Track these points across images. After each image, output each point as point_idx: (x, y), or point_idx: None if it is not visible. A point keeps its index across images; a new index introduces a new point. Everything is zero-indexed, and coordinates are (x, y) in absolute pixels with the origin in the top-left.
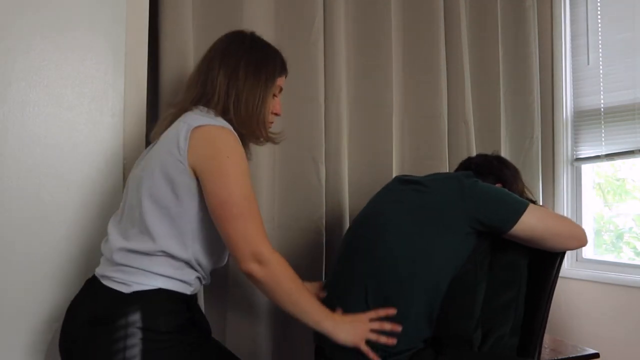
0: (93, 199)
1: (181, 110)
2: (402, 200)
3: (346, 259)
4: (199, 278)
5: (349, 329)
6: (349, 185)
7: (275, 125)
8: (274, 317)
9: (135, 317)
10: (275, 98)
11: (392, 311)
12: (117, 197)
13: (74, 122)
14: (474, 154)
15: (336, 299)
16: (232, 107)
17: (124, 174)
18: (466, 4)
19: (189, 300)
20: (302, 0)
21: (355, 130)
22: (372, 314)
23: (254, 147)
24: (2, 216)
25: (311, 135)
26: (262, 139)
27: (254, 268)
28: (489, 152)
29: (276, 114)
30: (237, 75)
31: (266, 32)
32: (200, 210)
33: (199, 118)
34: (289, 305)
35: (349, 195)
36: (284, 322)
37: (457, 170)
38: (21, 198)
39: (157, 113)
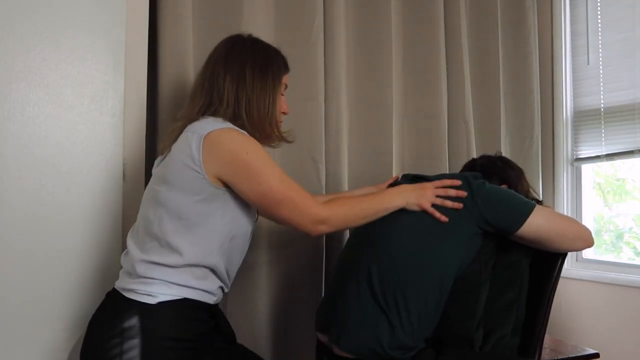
0: (93, 199)
1: (188, 121)
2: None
3: (353, 260)
4: (221, 287)
5: (417, 194)
6: (349, 185)
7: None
8: (273, 312)
9: (163, 328)
10: (282, 97)
11: (457, 182)
12: (117, 197)
13: (74, 122)
14: (474, 154)
15: (340, 297)
16: (244, 113)
17: (124, 174)
18: (466, 4)
19: (212, 309)
20: (302, 0)
21: (355, 130)
22: (438, 182)
23: None
24: (2, 216)
25: (311, 135)
26: (275, 140)
27: (323, 229)
28: (488, 152)
29: (284, 113)
30: (244, 80)
31: (266, 32)
32: (224, 215)
33: (205, 126)
34: (364, 220)
35: None
36: (284, 317)
37: (461, 171)
38: (21, 198)
39: (157, 113)
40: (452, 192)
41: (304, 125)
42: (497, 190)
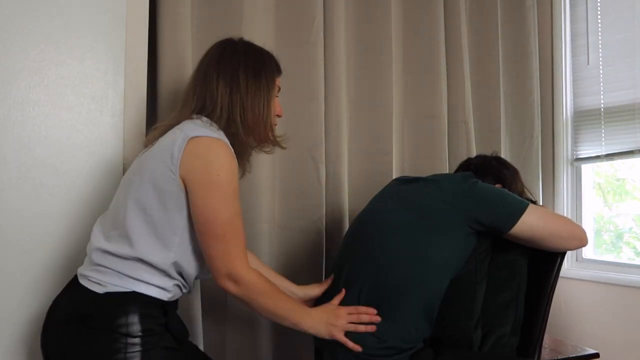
0: (93, 199)
1: (176, 122)
2: (402, 201)
3: (346, 259)
4: (177, 286)
5: (328, 326)
6: (349, 185)
7: (276, 126)
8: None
9: (106, 319)
10: (276, 99)
11: (372, 310)
12: None
13: (74, 122)
14: (473, 154)
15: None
16: (238, 117)
17: (123, 174)
18: (466, 4)
19: (165, 306)
20: (302, 0)
21: (355, 130)
22: (352, 309)
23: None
24: (2, 216)
25: (311, 135)
26: (270, 144)
27: (229, 286)
28: (488, 152)
29: (278, 116)
30: (237, 83)
31: (266, 32)
32: (186, 222)
33: (197, 128)
34: (266, 315)
35: (349, 195)
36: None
37: (456, 171)
38: (21, 198)
39: (157, 113)
40: (365, 318)
41: (304, 125)
42: (490, 189)
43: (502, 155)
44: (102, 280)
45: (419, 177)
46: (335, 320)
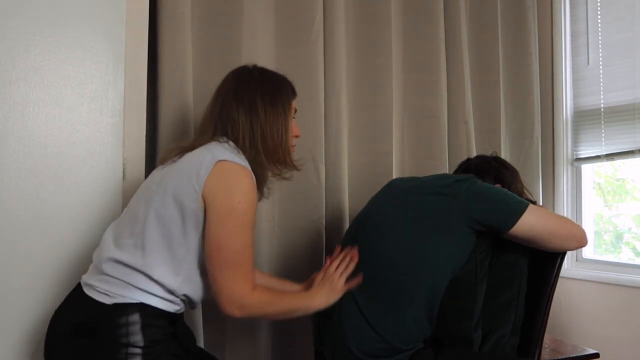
0: (93, 200)
1: (202, 143)
2: (402, 201)
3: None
4: (184, 301)
5: (328, 292)
6: (349, 185)
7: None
8: (273, 323)
9: (115, 331)
10: (293, 121)
11: (349, 254)
12: (117, 197)
13: (74, 122)
14: (473, 154)
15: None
16: (259, 143)
17: (123, 174)
18: (466, 4)
19: (172, 317)
20: (302, 1)
21: (355, 130)
22: (332, 267)
23: None
24: (2, 216)
25: (311, 135)
26: (288, 167)
27: (236, 312)
28: (488, 152)
29: (297, 136)
30: (256, 111)
31: (266, 32)
32: (200, 246)
33: (225, 152)
34: (276, 319)
35: (349, 195)
36: (284, 327)
37: (456, 171)
38: (21, 198)
39: (157, 113)
40: (346, 261)
41: (304, 125)
42: (490, 189)
43: (502, 155)
44: (110, 291)
45: (418, 177)
46: (332, 285)
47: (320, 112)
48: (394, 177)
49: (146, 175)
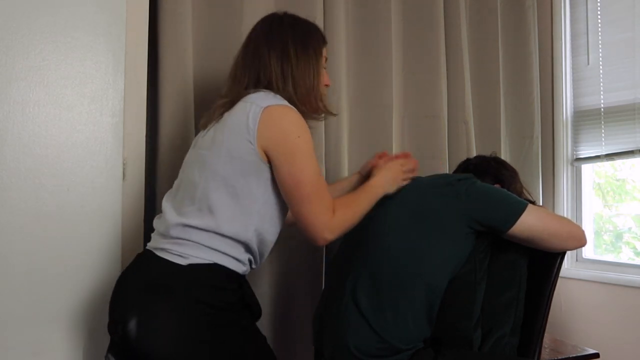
0: (93, 199)
1: (237, 97)
2: (401, 201)
3: (345, 259)
4: (250, 261)
5: (393, 179)
6: None
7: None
8: (272, 321)
9: (192, 290)
10: (324, 70)
11: (407, 154)
12: (117, 197)
13: (74, 122)
14: (473, 153)
15: (335, 297)
16: (291, 88)
17: (123, 174)
18: (466, 4)
19: (240, 279)
20: (302, 1)
21: (355, 130)
22: (400, 161)
23: None
24: (2, 216)
25: (311, 135)
26: (321, 112)
27: (327, 237)
28: (488, 152)
29: (327, 85)
30: (288, 56)
31: None
32: (264, 189)
33: (266, 98)
34: (361, 217)
35: None
36: (283, 325)
37: (455, 171)
38: (21, 198)
39: (157, 113)
40: (412, 165)
41: None
42: (489, 189)
43: (502, 155)
44: (184, 252)
45: (417, 177)
46: (398, 174)
47: None
48: None
49: (146, 175)
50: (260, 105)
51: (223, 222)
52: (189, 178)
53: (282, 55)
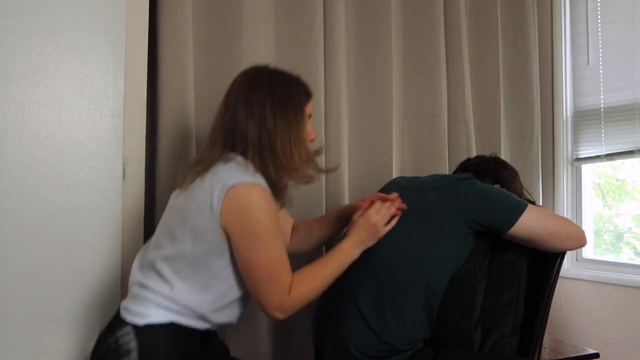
0: (93, 200)
1: (210, 164)
2: (402, 200)
3: None
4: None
5: (369, 235)
6: (349, 185)
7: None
8: (272, 322)
9: (146, 350)
10: (308, 125)
11: (391, 197)
12: (117, 197)
13: (74, 122)
14: (473, 154)
15: (335, 298)
16: (268, 156)
17: (123, 174)
18: (466, 4)
19: (203, 334)
20: (302, 2)
21: (355, 130)
22: (376, 208)
23: None
24: (2, 216)
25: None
26: (312, 175)
27: (281, 316)
28: (488, 152)
29: (312, 140)
30: (266, 123)
31: (266, 32)
32: (227, 269)
33: (233, 174)
34: (325, 287)
35: (349, 196)
36: (283, 325)
37: (455, 171)
38: (21, 198)
39: (157, 113)
40: (393, 209)
41: None
42: (489, 189)
43: (502, 155)
44: (142, 312)
45: (417, 177)
46: (374, 228)
47: (320, 112)
48: (394, 177)
49: (146, 175)
50: (225, 184)
51: (180, 292)
52: (158, 241)
53: (259, 121)
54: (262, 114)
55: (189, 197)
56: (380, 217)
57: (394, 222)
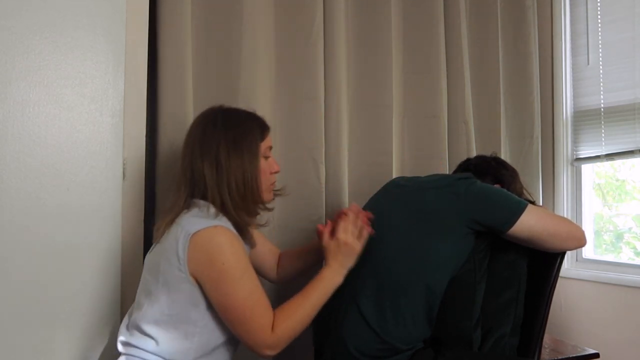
0: (93, 199)
1: (176, 214)
2: (402, 200)
3: None
4: None
5: (347, 257)
6: (349, 185)
7: (276, 124)
8: None
9: None
10: (269, 159)
11: (361, 215)
12: (117, 197)
13: (74, 122)
14: (473, 154)
15: (334, 298)
16: (227, 197)
17: (123, 173)
18: (466, 4)
19: None
20: (302, 1)
21: (355, 130)
22: (344, 228)
23: None
24: (2, 216)
25: (311, 136)
26: (268, 207)
27: (268, 353)
28: (488, 152)
29: (276, 172)
30: (220, 163)
31: (266, 32)
32: (205, 316)
33: (195, 221)
34: (312, 318)
35: (349, 196)
36: None
37: (455, 171)
38: (21, 198)
39: (157, 113)
40: (359, 222)
41: (304, 125)
42: (489, 189)
43: (502, 155)
44: None
45: (417, 177)
46: (349, 249)
47: (320, 112)
48: (394, 177)
49: (146, 175)
50: (188, 232)
51: (164, 345)
52: (139, 300)
53: (215, 163)
54: (217, 156)
55: (159, 250)
56: (349, 234)
57: (365, 234)
